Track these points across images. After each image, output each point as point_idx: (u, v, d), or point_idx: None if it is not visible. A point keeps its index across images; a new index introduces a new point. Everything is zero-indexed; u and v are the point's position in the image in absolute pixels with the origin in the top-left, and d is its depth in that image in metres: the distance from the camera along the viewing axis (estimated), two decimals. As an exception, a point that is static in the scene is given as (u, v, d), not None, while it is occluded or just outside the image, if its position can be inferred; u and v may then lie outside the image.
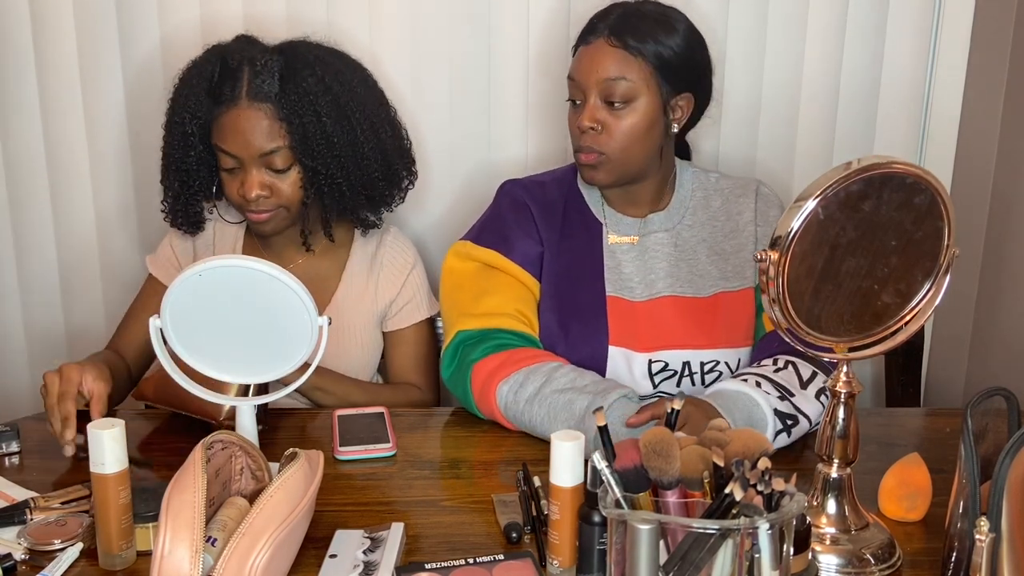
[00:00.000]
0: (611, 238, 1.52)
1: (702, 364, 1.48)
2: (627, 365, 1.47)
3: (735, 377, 1.37)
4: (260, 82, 1.47)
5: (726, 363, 1.49)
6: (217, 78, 1.49)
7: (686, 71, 1.46)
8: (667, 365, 1.48)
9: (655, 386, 1.48)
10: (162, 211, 1.60)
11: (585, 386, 1.36)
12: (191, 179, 1.55)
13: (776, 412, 1.31)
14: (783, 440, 1.32)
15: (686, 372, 1.48)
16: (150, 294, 1.64)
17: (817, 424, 1.34)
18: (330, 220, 1.59)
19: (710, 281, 1.51)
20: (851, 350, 1.06)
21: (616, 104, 1.42)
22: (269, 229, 1.55)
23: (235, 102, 1.47)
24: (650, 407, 1.27)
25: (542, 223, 1.53)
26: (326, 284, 1.62)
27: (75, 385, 1.31)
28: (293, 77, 1.48)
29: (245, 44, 1.54)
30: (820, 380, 1.37)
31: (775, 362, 1.40)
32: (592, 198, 1.55)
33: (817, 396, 1.35)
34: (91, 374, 1.33)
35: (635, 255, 1.52)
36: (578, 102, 1.46)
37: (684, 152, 1.63)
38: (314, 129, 1.47)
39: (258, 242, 1.64)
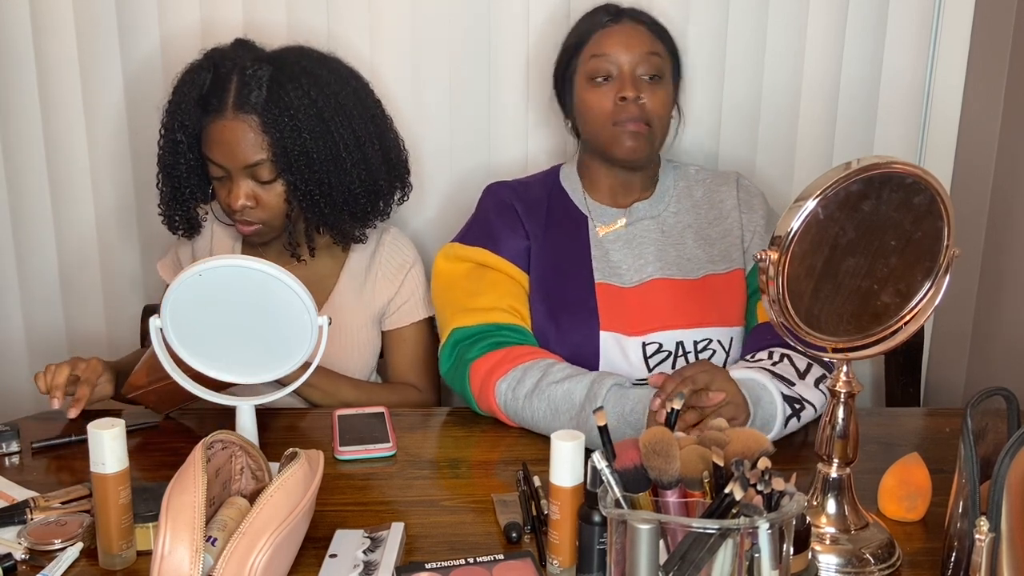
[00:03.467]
0: (599, 229, 1.54)
1: (695, 343, 1.50)
2: (620, 350, 1.48)
3: (736, 367, 1.38)
4: (247, 93, 1.47)
5: (719, 341, 1.50)
6: (208, 86, 1.49)
7: (679, 64, 1.56)
8: (661, 347, 1.49)
9: (650, 369, 1.49)
10: (159, 215, 1.61)
11: (582, 376, 1.37)
12: (182, 185, 1.56)
13: (784, 396, 1.32)
14: (794, 425, 1.34)
15: (680, 352, 1.49)
16: None
17: (822, 411, 1.34)
18: (312, 233, 1.59)
19: (698, 264, 1.54)
20: (851, 350, 1.07)
21: (653, 76, 1.49)
22: (257, 240, 1.58)
23: (222, 113, 1.47)
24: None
25: (527, 218, 1.55)
26: (325, 283, 1.62)
27: (96, 377, 1.44)
28: (278, 90, 1.48)
29: (240, 50, 1.54)
30: (817, 370, 1.39)
31: (770, 356, 1.41)
32: (576, 195, 1.58)
33: (816, 384, 1.37)
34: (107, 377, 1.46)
35: (623, 243, 1.54)
36: (604, 79, 1.49)
37: None
38: (294, 144, 1.47)
39: (257, 242, 1.64)
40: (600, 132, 1.50)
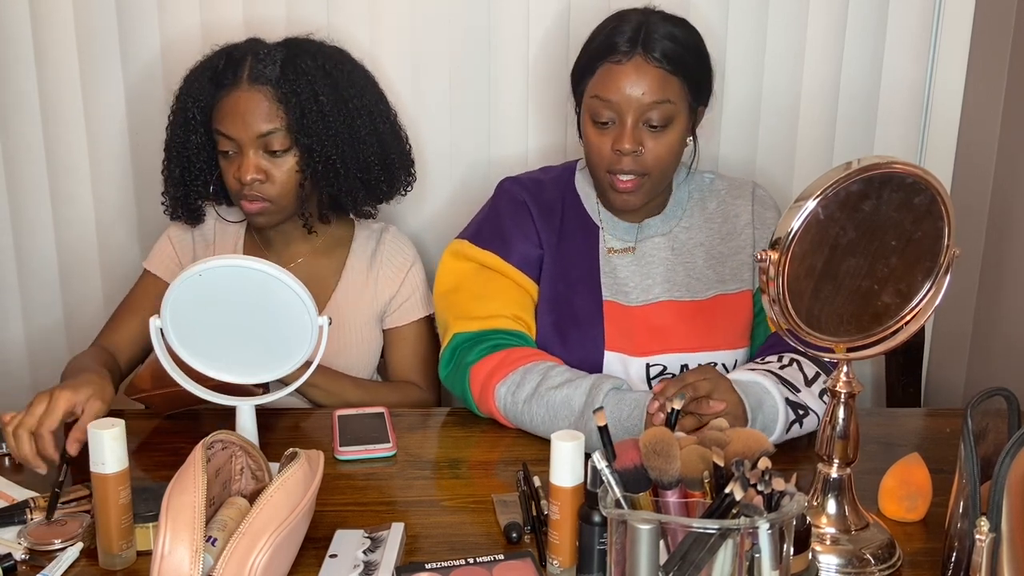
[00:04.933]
0: (608, 247, 1.51)
1: (700, 367, 1.47)
2: (624, 370, 1.48)
3: (743, 369, 1.38)
4: (262, 67, 1.50)
5: (723, 365, 1.49)
6: (222, 67, 1.52)
7: (707, 84, 1.46)
8: (665, 369, 1.48)
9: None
10: (162, 203, 1.62)
11: (581, 381, 1.36)
12: (191, 165, 1.56)
13: (788, 401, 1.32)
14: (796, 431, 1.33)
15: None
16: (143, 289, 1.64)
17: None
18: (325, 205, 1.60)
19: (707, 284, 1.51)
20: (851, 350, 1.06)
21: (656, 126, 1.39)
22: (263, 221, 1.56)
23: (236, 85, 1.50)
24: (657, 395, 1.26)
25: (541, 225, 1.51)
26: (326, 282, 1.62)
27: (61, 414, 1.23)
28: (293, 61, 1.51)
29: (252, 42, 1.57)
30: (823, 380, 1.38)
31: (780, 359, 1.40)
32: (589, 202, 1.54)
33: (820, 395, 1.36)
34: (85, 395, 1.26)
35: (631, 260, 1.51)
36: (606, 123, 1.40)
37: None
38: (311, 107, 1.49)
39: (259, 241, 1.65)
40: (596, 174, 1.45)
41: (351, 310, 1.62)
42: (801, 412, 1.32)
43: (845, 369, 1.07)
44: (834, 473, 1.09)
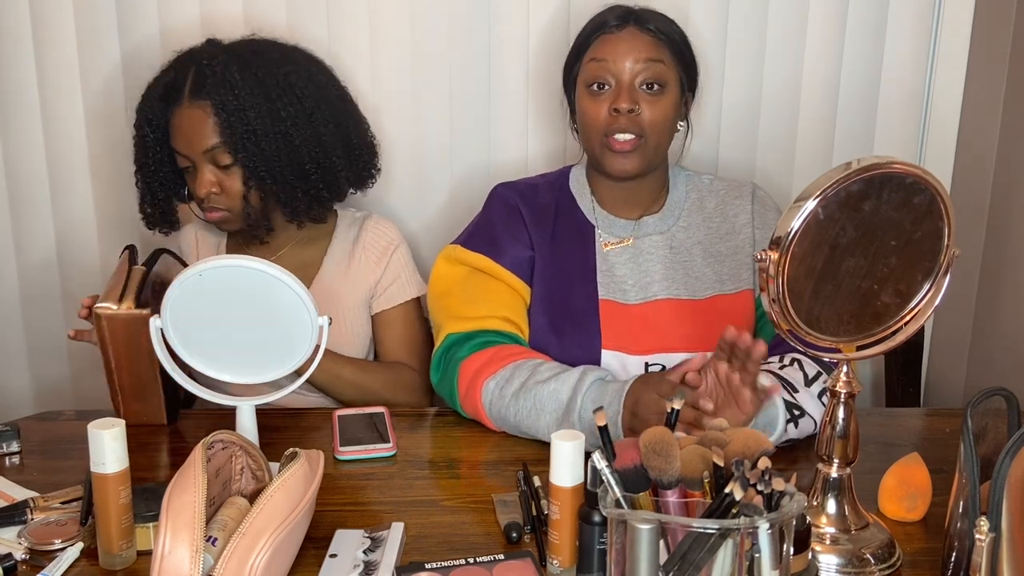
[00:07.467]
0: (604, 243, 1.51)
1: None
2: (622, 369, 1.47)
3: None
4: (202, 80, 1.51)
5: None
6: (170, 80, 1.53)
7: (693, 71, 1.51)
8: (664, 368, 1.47)
9: None
10: (140, 214, 1.64)
11: (568, 375, 1.36)
12: (152, 180, 1.59)
13: (784, 402, 1.31)
14: (792, 431, 1.32)
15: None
16: None
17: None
18: (268, 212, 1.59)
19: (706, 284, 1.50)
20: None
21: (654, 86, 1.43)
22: (227, 228, 1.60)
23: (179, 102, 1.51)
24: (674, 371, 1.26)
25: (533, 226, 1.52)
26: (307, 271, 1.63)
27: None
28: (225, 72, 1.51)
29: (207, 47, 1.57)
30: (824, 380, 1.37)
31: (781, 359, 1.40)
32: (584, 201, 1.55)
33: (819, 396, 1.35)
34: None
35: (628, 257, 1.51)
36: (604, 86, 1.44)
37: None
38: (240, 122, 1.50)
39: (240, 238, 1.65)
40: (593, 144, 1.47)
41: (334, 298, 1.63)
42: (796, 412, 1.32)
43: (845, 369, 1.07)
44: (834, 473, 1.09)
